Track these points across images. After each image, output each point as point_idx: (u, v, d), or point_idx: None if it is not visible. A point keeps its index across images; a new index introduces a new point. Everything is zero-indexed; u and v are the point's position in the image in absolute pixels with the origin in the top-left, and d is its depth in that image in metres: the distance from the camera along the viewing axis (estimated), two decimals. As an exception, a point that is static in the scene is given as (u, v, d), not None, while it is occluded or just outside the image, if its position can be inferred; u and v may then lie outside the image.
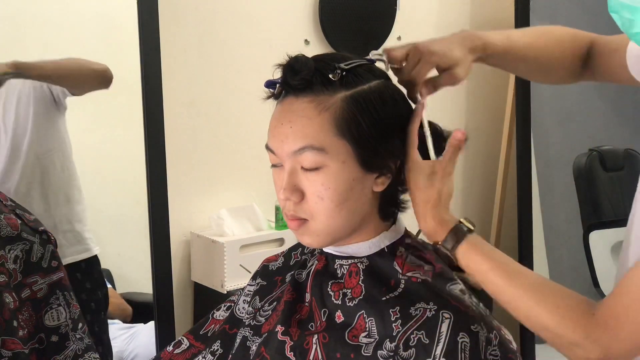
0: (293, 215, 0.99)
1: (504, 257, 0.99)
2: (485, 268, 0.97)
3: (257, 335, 1.11)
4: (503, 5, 2.78)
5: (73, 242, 1.90)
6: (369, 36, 2.47)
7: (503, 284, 0.96)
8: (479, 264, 0.97)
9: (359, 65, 1.00)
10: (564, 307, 0.92)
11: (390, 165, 1.01)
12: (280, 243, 2.20)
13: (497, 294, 0.97)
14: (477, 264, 0.97)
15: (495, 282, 0.96)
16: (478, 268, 0.97)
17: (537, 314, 0.93)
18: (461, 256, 0.98)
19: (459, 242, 0.98)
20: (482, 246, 0.98)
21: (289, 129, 0.97)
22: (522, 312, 0.95)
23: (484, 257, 0.98)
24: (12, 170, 1.84)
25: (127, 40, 1.96)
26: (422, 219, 1.01)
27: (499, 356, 0.94)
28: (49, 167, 1.90)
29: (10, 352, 1.38)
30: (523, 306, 0.95)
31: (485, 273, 0.97)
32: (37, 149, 1.86)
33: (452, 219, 1.00)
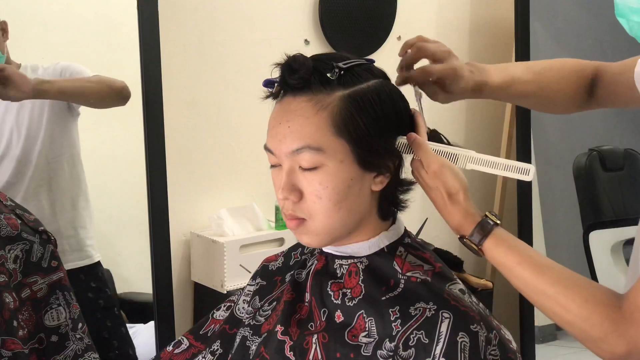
0: (292, 215, 1.00)
1: (532, 250, 0.99)
2: (513, 261, 0.97)
3: (256, 335, 1.11)
4: (503, 5, 2.78)
5: (75, 248, 1.90)
6: (369, 36, 2.48)
7: (531, 278, 0.95)
8: (507, 257, 0.97)
9: (357, 65, 1.00)
10: (592, 301, 0.92)
11: (388, 165, 1.01)
12: (280, 243, 2.20)
13: (525, 288, 0.97)
14: (505, 258, 0.97)
15: (523, 275, 0.96)
16: (505, 261, 0.97)
17: (565, 308, 0.93)
18: (488, 250, 0.98)
19: (486, 236, 0.98)
20: (509, 239, 0.99)
21: (287, 128, 0.97)
22: (549, 306, 0.95)
23: (512, 251, 0.98)
24: (22, 172, 1.84)
25: (127, 40, 1.96)
26: (446, 215, 1.01)
27: (499, 356, 0.94)
28: (58, 171, 1.90)
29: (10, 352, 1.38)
30: (551, 300, 0.94)
31: (513, 267, 0.97)
32: (48, 153, 1.87)
33: (477, 213, 1.00)
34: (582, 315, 0.92)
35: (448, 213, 1.00)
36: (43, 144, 1.85)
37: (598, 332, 0.91)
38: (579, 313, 0.92)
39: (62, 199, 1.91)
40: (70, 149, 1.92)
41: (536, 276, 0.95)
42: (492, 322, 0.98)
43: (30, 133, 1.84)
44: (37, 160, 1.85)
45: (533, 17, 2.72)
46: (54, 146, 1.88)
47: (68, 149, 1.92)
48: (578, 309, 0.92)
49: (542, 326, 3.20)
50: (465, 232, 0.99)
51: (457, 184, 1.00)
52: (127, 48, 1.98)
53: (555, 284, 0.94)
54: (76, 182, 1.94)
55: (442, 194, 1.00)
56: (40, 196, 1.85)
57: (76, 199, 1.95)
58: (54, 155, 1.89)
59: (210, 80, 2.19)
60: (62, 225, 1.85)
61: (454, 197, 1.00)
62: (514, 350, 0.98)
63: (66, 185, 1.92)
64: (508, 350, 0.96)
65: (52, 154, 1.88)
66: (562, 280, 0.95)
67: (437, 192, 1.00)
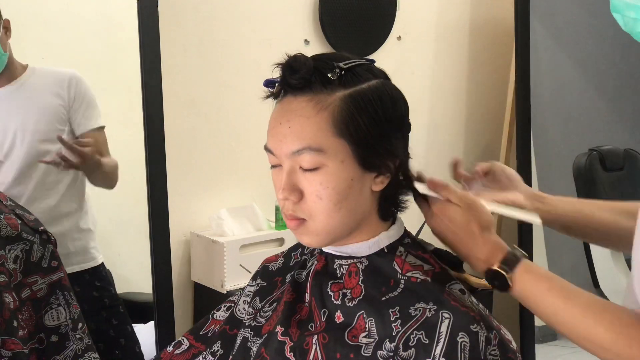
0: (292, 215, 0.99)
1: (559, 278, 1.00)
2: (544, 288, 0.98)
3: (257, 336, 1.11)
4: (503, 5, 2.79)
5: (80, 252, 1.91)
6: (369, 36, 2.48)
7: (562, 304, 0.97)
8: (537, 284, 0.99)
9: (358, 65, 1.00)
10: (619, 324, 0.93)
11: (389, 165, 1.01)
12: (280, 243, 2.20)
13: (555, 315, 0.98)
14: (535, 285, 0.99)
15: (553, 302, 0.97)
16: (536, 289, 0.99)
17: (595, 332, 0.94)
18: (519, 277, 0.99)
19: (515, 264, 1.00)
20: (537, 268, 1.01)
21: (287, 129, 0.97)
22: (580, 332, 0.96)
23: (542, 278, 1.00)
24: (27, 174, 1.83)
25: (127, 40, 1.96)
26: (476, 249, 1.02)
27: (499, 356, 0.94)
28: (64, 174, 1.90)
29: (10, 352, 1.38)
30: (582, 326, 0.95)
31: (543, 293, 0.98)
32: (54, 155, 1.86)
33: (504, 244, 1.02)
34: (611, 339, 0.93)
35: (478, 246, 1.02)
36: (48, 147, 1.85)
37: (628, 354, 0.92)
38: (609, 337, 0.93)
39: (68, 203, 1.91)
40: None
41: (567, 302, 0.97)
42: (492, 322, 0.98)
43: (36, 136, 1.84)
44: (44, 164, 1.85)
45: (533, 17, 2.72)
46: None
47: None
48: (606, 332, 0.93)
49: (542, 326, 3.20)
50: (494, 262, 1.00)
51: (490, 217, 1.04)
52: (127, 48, 1.98)
53: (585, 309, 0.96)
54: (81, 186, 1.94)
55: (474, 227, 1.02)
56: (47, 199, 1.85)
57: (82, 203, 1.95)
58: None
59: (210, 80, 2.20)
60: (68, 228, 1.85)
61: (487, 229, 1.03)
62: (514, 350, 0.98)
63: (72, 190, 1.92)
64: (508, 350, 0.96)
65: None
66: (591, 305, 0.96)
67: (468, 226, 1.02)
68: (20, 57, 1.84)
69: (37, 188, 1.84)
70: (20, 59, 1.84)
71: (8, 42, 1.80)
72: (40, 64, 1.88)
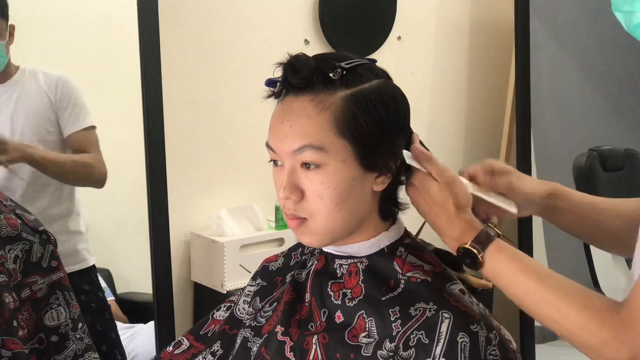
0: (293, 215, 0.99)
1: (531, 259, 0.99)
2: (515, 268, 0.97)
3: (257, 336, 1.11)
4: (503, 5, 2.79)
5: (69, 253, 1.90)
6: (369, 36, 2.48)
7: (532, 285, 0.95)
8: (509, 264, 0.97)
9: (359, 65, 1.00)
10: (591, 308, 0.91)
11: (390, 165, 1.01)
12: (280, 243, 2.20)
13: (525, 295, 0.96)
14: (507, 264, 0.97)
15: (524, 283, 0.96)
16: (507, 268, 0.97)
17: (565, 315, 0.92)
18: (490, 256, 0.98)
19: (488, 243, 0.98)
20: (509, 248, 0.99)
21: (289, 128, 0.97)
22: (550, 314, 0.95)
23: (514, 258, 0.98)
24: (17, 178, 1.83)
25: (127, 40, 1.96)
26: (450, 227, 1.00)
27: (499, 356, 0.94)
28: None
29: (10, 352, 1.38)
30: (551, 308, 0.94)
31: (514, 273, 0.97)
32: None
33: (478, 222, 1.01)
34: (580, 322, 0.91)
35: (452, 224, 1.00)
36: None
37: (598, 339, 0.90)
38: (578, 320, 0.91)
39: (59, 205, 1.91)
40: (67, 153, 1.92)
41: (538, 283, 0.95)
42: (492, 322, 0.98)
43: (25, 138, 1.84)
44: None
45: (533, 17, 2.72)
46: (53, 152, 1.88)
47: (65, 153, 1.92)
48: (577, 315, 0.91)
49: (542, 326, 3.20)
50: (466, 240, 0.99)
51: (467, 197, 1.02)
52: (127, 48, 1.97)
53: (557, 290, 0.94)
54: (72, 189, 1.94)
55: (449, 205, 1.00)
56: (36, 202, 1.85)
57: (71, 205, 1.94)
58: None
59: (210, 80, 2.19)
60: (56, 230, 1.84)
61: (463, 208, 1.00)
62: (514, 350, 0.98)
63: (63, 192, 1.92)
64: (508, 350, 0.96)
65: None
66: (563, 287, 0.95)
67: (444, 203, 1.00)
68: (19, 57, 1.84)
69: (27, 190, 1.84)
70: (19, 59, 1.84)
71: (9, 47, 1.81)
72: (40, 64, 1.89)
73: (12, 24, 1.79)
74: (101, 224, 2.09)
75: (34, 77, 1.86)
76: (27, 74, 1.86)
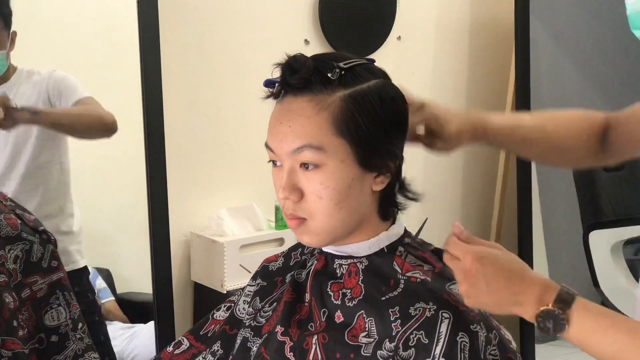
0: (292, 215, 1.00)
1: (618, 314, 0.93)
2: (607, 325, 0.90)
3: (257, 336, 1.11)
4: (503, 5, 2.79)
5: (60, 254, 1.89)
6: (369, 36, 2.48)
7: (627, 340, 0.89)
8: (597, 321, 0.90)
9: (358, 65, 1.00)
10: None
11: (389, 165, 1.01)
12: (280, 243, 2.20)
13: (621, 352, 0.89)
14: (597, 322, 0.90)
15: (620, 338, 0.89)
16: (598, 325, 0.90)
17: None
18: (577, 314, 0.89)
19: (572, 302, 0.90)
20: (594, 305, 0.91)
21: (287, 128, 0.97)
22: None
23: (601, 315, 0.91)
24: (9, 177, 1.83)
25: (127, 40, 1.96)
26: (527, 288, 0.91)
27: (499, 356, 0.94)
28: (47, 177, 1.89)
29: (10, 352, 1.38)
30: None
31: (606, 329, 0.90)
32: (37, 159, 1.85)
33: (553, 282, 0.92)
34: None
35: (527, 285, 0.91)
36: (33, 149, 1.84)
37: None
38: None
39: (49, 205, 1.90)
40: (59, 155, 1.91)
41: (632, 336, 0.89)
42: (492, 322, 0.98)
43: (19, 138, 1.83)
44: (27, 166, 1.84)
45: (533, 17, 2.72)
46: (44, 152, 1.87)
47: (58, 155, 1.91)
48: None
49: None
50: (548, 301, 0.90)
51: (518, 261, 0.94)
52: (127, 48, 1.97)
53: None
54: (64, 189, 1.93)
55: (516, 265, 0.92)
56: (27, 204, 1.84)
57: (64, 205, 1.94)
58: (44, 161, 1.87)
59: (210, 80, 2.19)
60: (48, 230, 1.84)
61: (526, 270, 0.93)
62: (514, 350, 0.98)
63: (55, 192, 1.91)
64: (508, 350, 0.96)
65: (42, 159, 1.87)
66: None
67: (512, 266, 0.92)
68: (19, 57, 1.84)
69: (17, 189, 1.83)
70: (19, 59, 1.84)
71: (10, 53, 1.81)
72: (40, 64, 1.88)
73: (14, 31, 1.79)
74: (101, 224, 2.09)
75: (28, 77, 1.86)
76: (24, 75, 1.86)
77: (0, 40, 1.77)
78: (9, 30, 1.78)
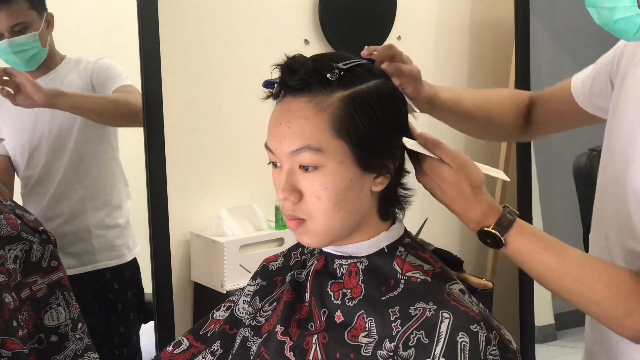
0: (291, 215, 1.00)
1: (552, 237, 1.02)
2: (539, 247, 0.99)
3: (257, 336, 1.11)
4: (503, 5, 2.78)
5: (105, 248, 1.88)
6: (369, 36, 2.48)
7: (558, 262, 0.98)
8: (534, 243, 1.00)
9: (357, 65, 1.00)
10: (617, 279, 0.95)
11: (388, 165, 1.01)
12: (280, 243, 2.20)
13: (551, 272, 0.99)
14: (532, 244, 1.00)
15: (550, 260, 0.99)
16: (532, 247, 1.00)
17: (592, 288, 0.96)
18: (514, 237, 1.00)
19: (510, 225, 1.00)
20: (531, 228, 1.02)
21: (286, 129, 0.97)
22: (575, 288, 0.98)
23: (536, 237, 1.01)
24: (52, 168, 1.82)
25: (127, 40, 1.96)
26: (469, 209, 1.01)
27: (499, 356, 0.94)
28: (91, 169, 1.88)
29: (9, 352, 1.38)
30: (577, 282, 0.97)
31: (539, 252, 0.99)
32: (82, 150, 1.84)
33: (497, 204, 1.02)
34: (608, 294, 0.95)
35: (471, 206, 1.01)
36: (77, 141, 1.83)
37: (624, 309, 0.94)
38: (605, 292, 0.95)
39: (95, 198, 1.89)
40: (105, 146, 1.90)
41: (562, 259, 0.98)
42: (492, 322, 0.98)
43: (63, 129, 1.82)
44: (70, 157, 1.83)
45: (533, 17, 2.72)
46: (88, 144, 1.86)
47: (103, 146, 1.89)
48: (604, 288, 0.95)
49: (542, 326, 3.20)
50: (489, 223, 1.00)
51: (481, 176, 1.02)
52: (127, 48, 1.97)
53: (582, 265, 0.98)
54: (111, 181, 1.92)
55: (465, 187, 1.01)
56: (71, 194, 1.83)
57: (110, 198, 1.92)
58: (88, 152, 1.86)
59: (210, 80, 2.19)
60: (92, 224, 1.82)
61: (479, 188, 1.01)
62: (514, 350, 0.98)
63: (99, 184, 1.90)
64: (508, 350, 0.96)
65: (86, 150, 1.86)
66: (587, 261, 0.99)
67: (459, 186, 1.01)
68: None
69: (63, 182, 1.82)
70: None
71: (50, 35, 1.79)
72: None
73: (51, 12, 1.78)
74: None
75: (75, 66, 1.86)
76: (72, 63, 1.86)
77: (29, 20, 1.74)
78: (39, 11, 1.76)
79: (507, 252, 1.02)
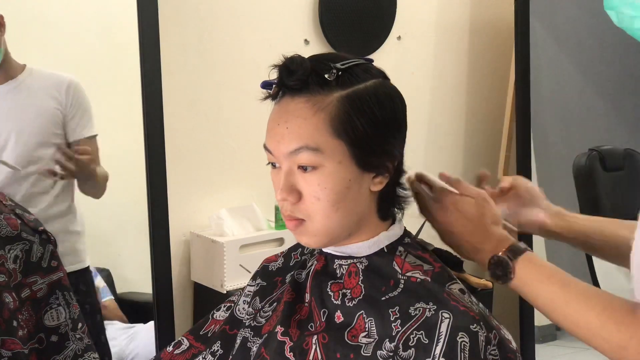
0: (290, 216, 1.00)
1: (559, 269, 1.03)
2: (544, 276, 1.01)
3: (257, 336, 1.11)
4: (503, 5, 2.78)
5: (68, 253, 1.88)
6: (369, 36, 2.48)
7: (559, 291, 0.99)
8: (539, 272, 1.02)
9: (355, 65, 1.00)
10: (610, 309, 0.94)
11: (387, 165, 1.01)
12: (280, 243, 2.20)
13: (552, 302, 1.00)
14: (537, 273, 1.02)
15: (551, 289, 1.00)
16: (536, 276, 1.02)
17: (585, 318, 0.96)
18: (522, 264, 1.02)
19: (520, 253, 1.03)
20: (539, 259, 1.04)
21: (285, 129, 0.97)
22: (571, 317, 0.98)
23: (542, 267, 1.03)
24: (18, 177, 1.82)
25: (127, 40, 1.96)
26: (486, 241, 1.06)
27: (499, 356, 0.94)
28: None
29: (10, 352, 1.38)
30: (574, 312, 0.98)
31: (542, 281, 1.01)
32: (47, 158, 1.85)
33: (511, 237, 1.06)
34: (598, 324, 0.94)
35: (488, 238, 1.05)
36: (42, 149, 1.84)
37: (617, 339, 0.92)
38: (597, 322, 0.94)
39: (59, 205, 1.90)
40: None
41: (563, 289, 0.99)
42: (492, 322, 0.98)
43: (31, 138, 1.83)
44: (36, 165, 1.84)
45: (533, 17, 2.72)
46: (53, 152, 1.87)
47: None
48: (596, 317, 0.94)
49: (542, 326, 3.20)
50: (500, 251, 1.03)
51: (499, 213, 1.09)
52: (127, 48, 1.97)
53: (580, 295, 0.98)
54: (71, 188, 1.94)
55: (487, 220, 1.06)
56: (37, 201, 1.84)
57: (72, 204, 1.94)
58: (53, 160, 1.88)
59: (210, 80, 2.19)
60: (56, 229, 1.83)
61: (497, 224, 1.07)
62: (514, 350, 0.98)
63: (64, 191, 1.92)
64: (508, 350, 0.96)
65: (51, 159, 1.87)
66: (586, 292, 0.99)
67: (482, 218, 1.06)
68: (19, 57, 1.84)
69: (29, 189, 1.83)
70: (19, 58, 1.84)
71: (3, 37, 1.77)
72: (40, 64, 1.88)
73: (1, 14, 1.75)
74: (101, 224, 2.08)
75: (41, 77, 1.85)
76: (34, 74, 1.84)
77: None
78: None
79: (515, 282, 1.03)
